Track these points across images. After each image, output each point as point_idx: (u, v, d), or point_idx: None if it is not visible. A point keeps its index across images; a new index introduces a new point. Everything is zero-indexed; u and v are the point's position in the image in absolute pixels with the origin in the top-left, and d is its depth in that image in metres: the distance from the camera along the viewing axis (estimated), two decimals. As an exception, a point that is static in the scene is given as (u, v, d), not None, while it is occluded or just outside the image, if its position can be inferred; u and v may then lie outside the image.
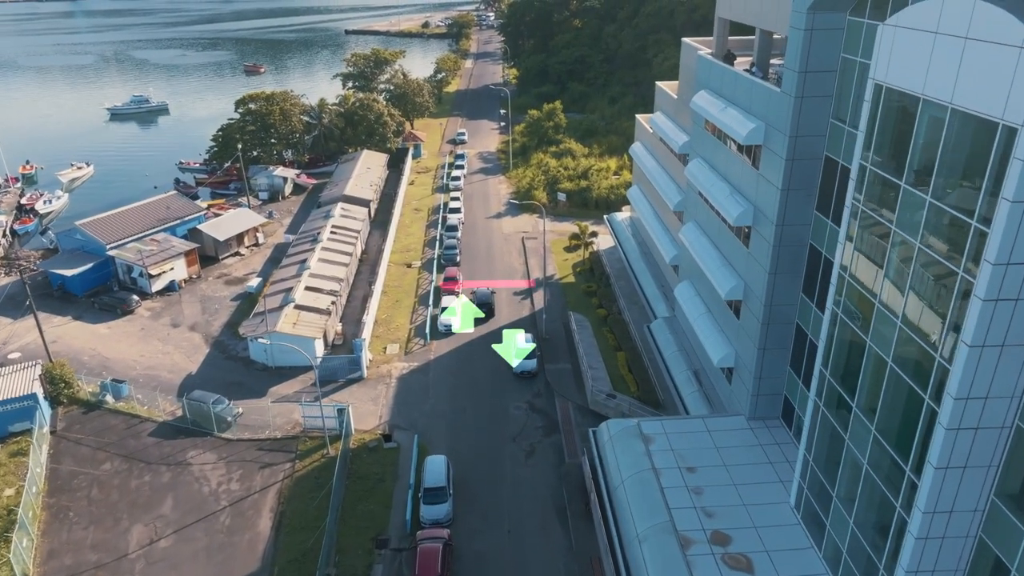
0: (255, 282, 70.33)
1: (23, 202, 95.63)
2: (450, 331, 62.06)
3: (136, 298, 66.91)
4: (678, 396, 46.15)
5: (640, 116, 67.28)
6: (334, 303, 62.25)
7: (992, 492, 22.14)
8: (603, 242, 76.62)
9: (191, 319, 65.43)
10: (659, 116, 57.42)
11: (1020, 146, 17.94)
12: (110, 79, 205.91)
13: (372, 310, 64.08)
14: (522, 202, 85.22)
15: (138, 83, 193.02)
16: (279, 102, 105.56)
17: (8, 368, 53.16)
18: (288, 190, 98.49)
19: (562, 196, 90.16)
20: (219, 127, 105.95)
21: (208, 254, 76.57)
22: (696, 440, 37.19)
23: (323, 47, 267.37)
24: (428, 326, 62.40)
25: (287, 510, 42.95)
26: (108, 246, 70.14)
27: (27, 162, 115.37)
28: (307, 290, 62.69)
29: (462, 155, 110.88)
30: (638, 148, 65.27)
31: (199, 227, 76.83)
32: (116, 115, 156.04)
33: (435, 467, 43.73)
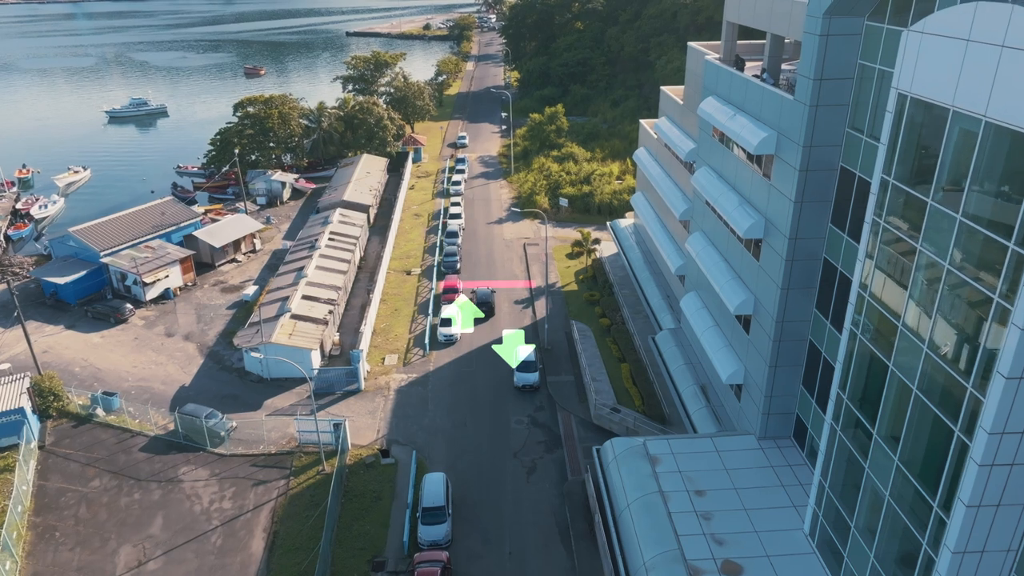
0: (251, 290, 68.99)
1: (18, 207, 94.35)
2: (450, 341, 60.67)
3: (130, 306, 65.59)
4: (684, 412, 44.71)
5: (644, 121, 65.89)
6: (331, 312, 60.89)
7: (1026, 530, 20.75)
8: (606, 248, 75.22)
9: (186, 328, 64.09)
10: (664, 122, 56.03)
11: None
12: (109, 81, 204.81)
13: (370, 319, 62.72)
14: (524, 209, 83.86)
15: (138, 85, 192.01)
16: (278, 105, 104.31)
17: (-4, 380, 51.91)
18: (286, 195, 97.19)
19: (564, 201, 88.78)
20: (217, 131, 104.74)
21: (204, 261, 75.26)
22: (705, 461, 35.75)
23: (324, 49, 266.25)
24: (427, 336, 61.02)
25: (281, 530, 41.55)
26: (102, 253, 68.81)
27: (23, 166, 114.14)
28: (304, 299, 61.33)
29: (463, 159, 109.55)
30: (642, 154, 63.85)
31: (195, 233, 75.51)
32: (115, 118, 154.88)
33: (434, 486, 42.33)
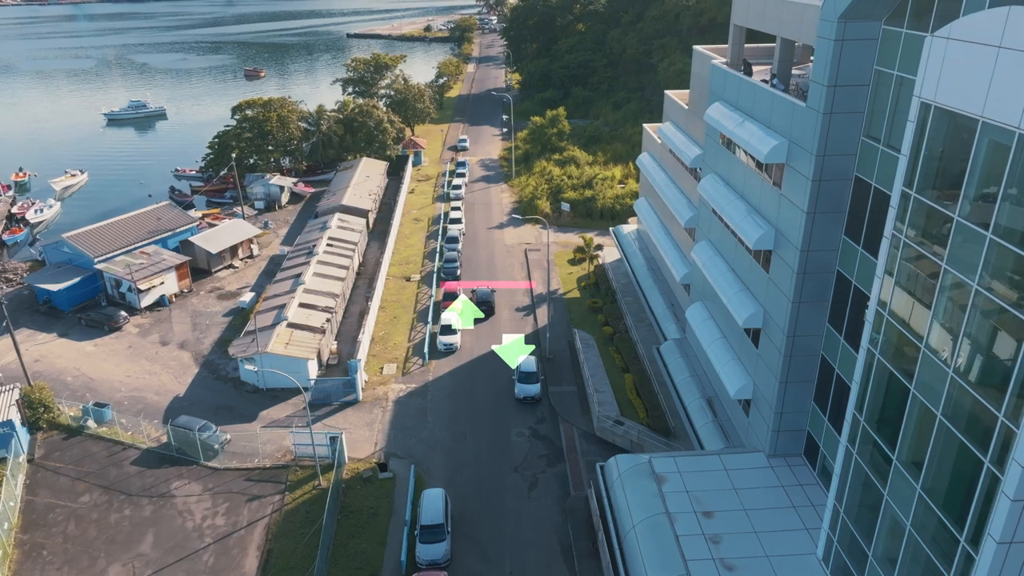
0: (248, 297, 67.81)
1: (14, 211, 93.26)
2: (450, 350, 59.47)
3: (124, 314, 64.44)
4: (691, 426, 43.48)
5: (648, 126, 64.66)
6: (329, 321, 59.71)
7: (1059, 567, 19.52)
8: (609, 254, 73.97)
9: (181, 336, 62.92)
10: (668, 127, 54.82)
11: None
12: (109, 83, 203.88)
13: (369, 327, 61.53)
14: (524, 217, 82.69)
15: (137, 87, 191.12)
16: (276, 108, 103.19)
17: (-16, 391, 50.75)
18: (285, 199, 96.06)
19: (566, 206, 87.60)
20: (215, 134, 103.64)
21: (200, 267, 74.14)
22: (712, 480, 34.52)
23: (325, 51, 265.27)
24: (427, 345, 59.82)
25: (275, 548, 40.34)
26: (96, 259, 67.67)
27: (20, 169, 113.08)
28: (301, 307, 60.16)
29: (463, 162, 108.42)
30: (646, 159, 62.64)
31: (191, 239, 74.37)
32: (113, 120, 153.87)
33: (432, 502, 41.10)
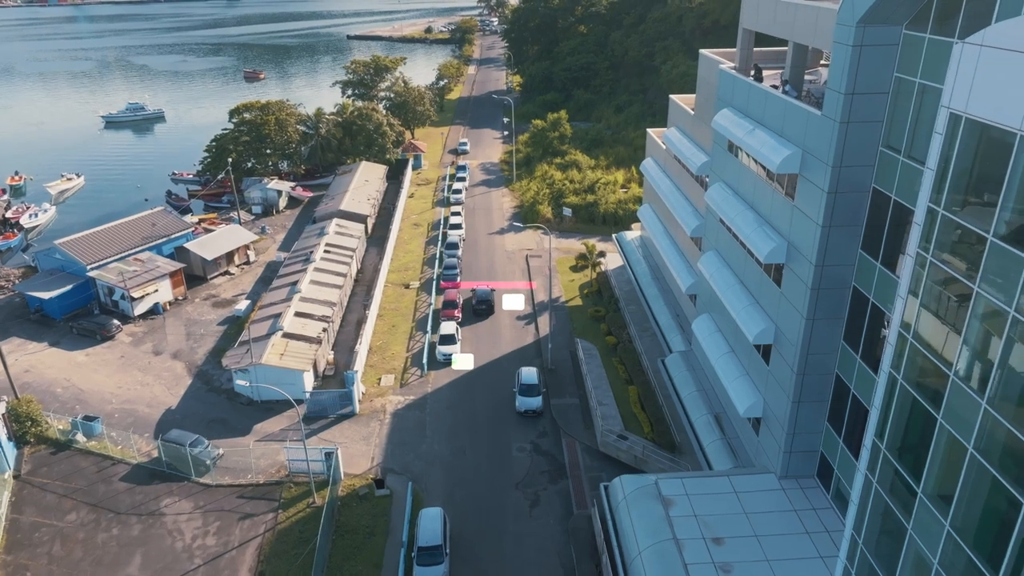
0: (243, 305, 66.44)
1: (8, 215, 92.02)
2: (449, 361, 58.08)
3: (116, 323, 63.09)
4: (697, 443, 42.05)
5: (652, 131, 63.25)
6: (325, 330, 58.31)
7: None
8: (611, 261, 72.57)
9: (174, 345, 61.56)
10: (673, 133, 53.43)
11: None
12: (108, 85, 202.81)
13: (366, 337, 60.14)
14: (525, 225, 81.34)
15: (136, 89, 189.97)
16: (274, 111, 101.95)
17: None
18: (283, 203, 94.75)
19: (568, 211, 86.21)
20: (213, 137, 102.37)
21: (196, 273, 72.80)
22: (722, 504, 33.10)
23: (325, 52, 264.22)
24: (426, 355, 58.44)
25: (267, 570, 38.95)
26: (88, 266, 66.37)
27: (16, 173, 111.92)
28: (297, 316, 58.78)
29: (464, 166, 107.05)
30: (650, 165, 61.24)
31: (186, 245, 73.05)
32: (111, 123, 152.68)
33: (430, 522, 39.72)
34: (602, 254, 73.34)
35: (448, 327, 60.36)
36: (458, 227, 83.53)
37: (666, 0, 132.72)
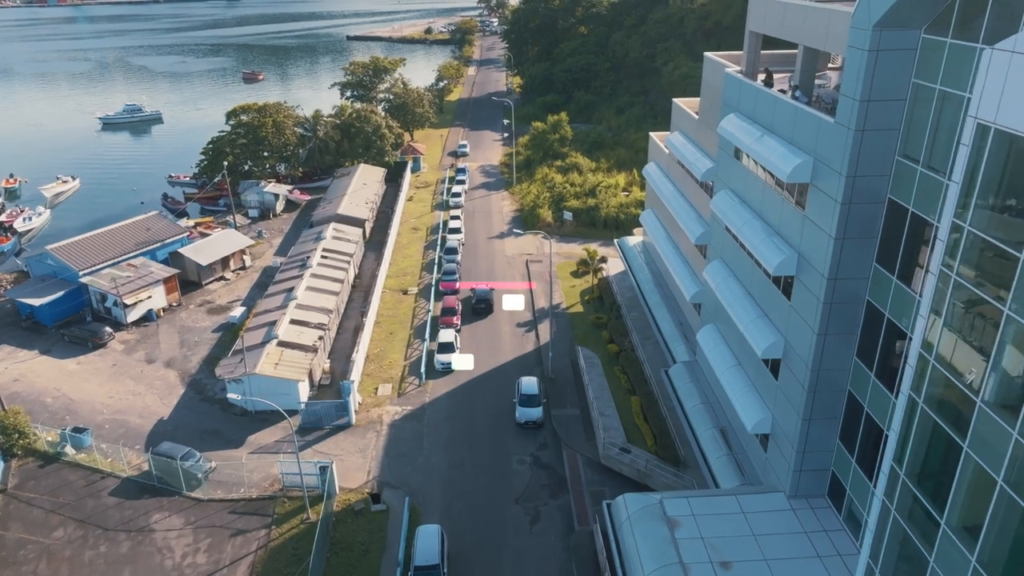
0: (238, 312, 65.22)
1: (2, 219, 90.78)
2: (448, 369, 56.88)
3: (109, 330, 61.87)
4: (703, 457, 40.83)
5: (655, 135, 62.02)
6: (322, 338, 57.12)
7: None
8: (613, 266, 71.35)
9: (168, 353, 60.34)
10: (677, 137, 52.22)
11: None
12: (106, 86, 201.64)
13: (363, 345, 58.90)
14: (526, 231, 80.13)
15: (134, 91, 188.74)
16: (272, 114, 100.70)
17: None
18: (280, 207, 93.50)
19: (568, 215, 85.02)
20: (209, 139, 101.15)
21: (190, 279, 71.56)
22: (729, 525, 31.89)
23: (325, 53, 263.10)
24: (423, 364, 57.24)
25: (259, 590, 37.81)
26: (81, 272, 65.15)
27: (11, 175, 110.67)
28: (292, 323, 57.59)
29: (463, 169, 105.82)
30: (652, 170, 60.02)
31: (181, 250, 71.81)
32: (108, 124, 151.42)
33: (427, 540, 38.51)
34: (603, 259, 72.16)
35: (447, 335, 59.18)
36: (457, 231, 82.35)
37: (667, 1, 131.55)
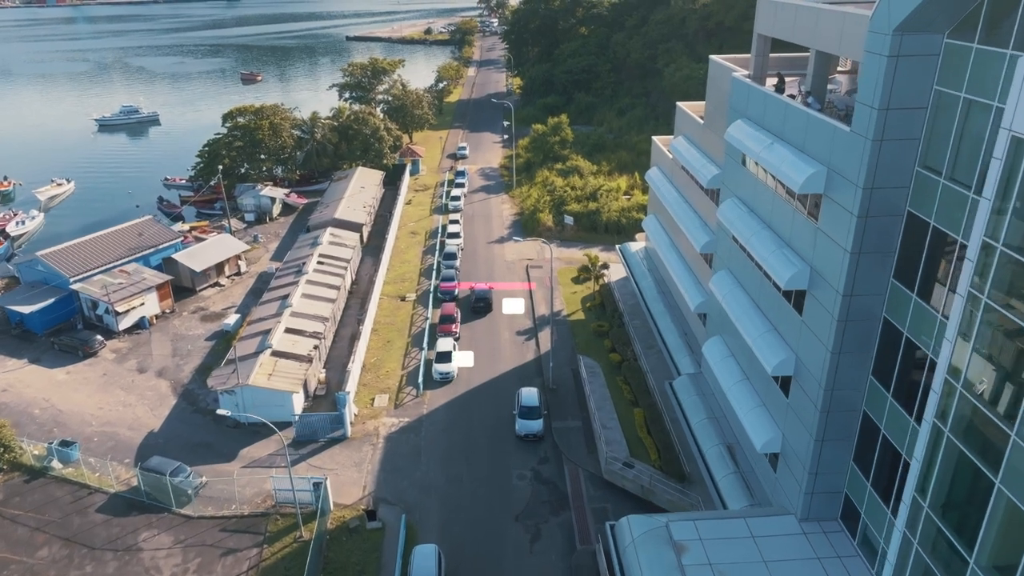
0: (233, 319, 63.87)
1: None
2: (446, 379, 55.56)
3: (100, 338, 60.55)
4: (709, 475, 39.48)
5: (658, 139, 60.68)
6: (317, 348, 55.79)
7: None
8: (614, 272, 70.00)
9: (160, 362, 59.00)
10: (681, 142, 50.89)
11: None
12: (103, 87, 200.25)
13: (360, 354, 57.52)
14: (526, 237, 78.86)
15: (132, 91, 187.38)
16: (269, 116, 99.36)
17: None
18: (276, 210, 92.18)
19: (569, 219, 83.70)
20: (205, 142, 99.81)
21: (184, 285, 70.21)
22: (739, 550, 30.56)
23: (324, 53, 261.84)
24: (421, 374, 55.92)
25: (249, 613, 36.51)
26: (72, 279, 63.83)
27: (4, 178, 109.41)
28: (287, 332, 56.26)
29: (463, 172, 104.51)
30: (655, 175, 58.68)
31: (174, 256, 70.45)
32: (104, 126, 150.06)
33: (424, 560, 37.21)
34: (605, 265, 70.81)
35: (445, 344, 57.82)
36: (456, 236, 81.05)
37: (669, 1, 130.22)
